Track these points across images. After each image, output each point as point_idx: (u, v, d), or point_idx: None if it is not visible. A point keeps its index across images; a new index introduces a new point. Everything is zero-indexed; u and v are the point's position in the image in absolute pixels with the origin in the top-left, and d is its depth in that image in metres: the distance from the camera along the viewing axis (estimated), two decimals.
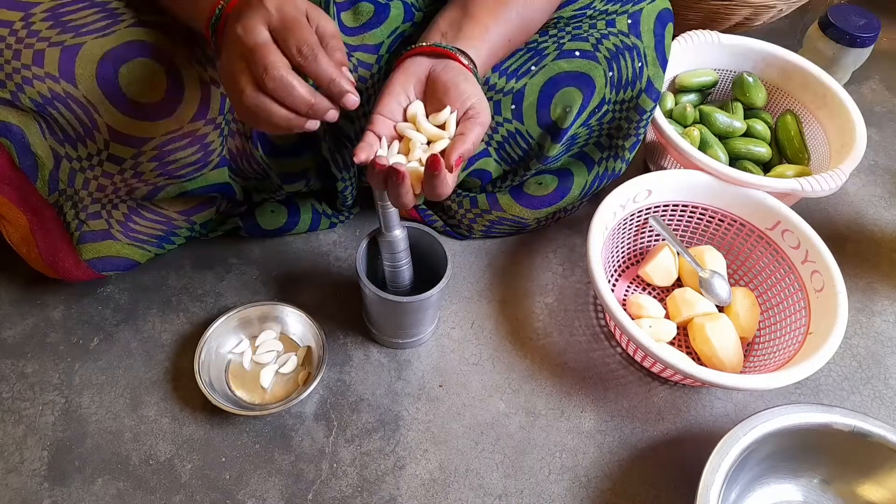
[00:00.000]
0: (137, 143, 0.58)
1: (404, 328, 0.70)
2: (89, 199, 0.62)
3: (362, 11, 0.65)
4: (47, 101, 0.54)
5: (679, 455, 0.68)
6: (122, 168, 0.60)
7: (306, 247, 0.82)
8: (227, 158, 0.66)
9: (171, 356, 0.71)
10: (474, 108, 0.54)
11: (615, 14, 0.68)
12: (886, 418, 0.72)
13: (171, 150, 0.60)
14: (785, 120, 0.90)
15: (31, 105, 0.54)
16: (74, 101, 0.55)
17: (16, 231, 0.64)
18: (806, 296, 0.70)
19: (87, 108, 0.55)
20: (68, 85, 0.54)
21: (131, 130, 0.57)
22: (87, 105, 0.55)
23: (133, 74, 0.56)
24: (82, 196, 0.61)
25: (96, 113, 0.56)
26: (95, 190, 0.61)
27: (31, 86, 0.54)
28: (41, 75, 0.54)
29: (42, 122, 0.56)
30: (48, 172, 0.59)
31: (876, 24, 0.95)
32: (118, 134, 0.57)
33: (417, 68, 0.56)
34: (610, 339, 0.76)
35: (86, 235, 0.64)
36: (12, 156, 0.57)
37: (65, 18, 0.54)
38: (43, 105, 0.55)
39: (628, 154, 0.75)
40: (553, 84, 0.66)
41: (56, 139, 0.57)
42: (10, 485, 0.61)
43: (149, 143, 0.58)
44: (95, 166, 0.59)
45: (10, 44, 0.53)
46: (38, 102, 0.54)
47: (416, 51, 0.56)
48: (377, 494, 0.63)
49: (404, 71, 0.56)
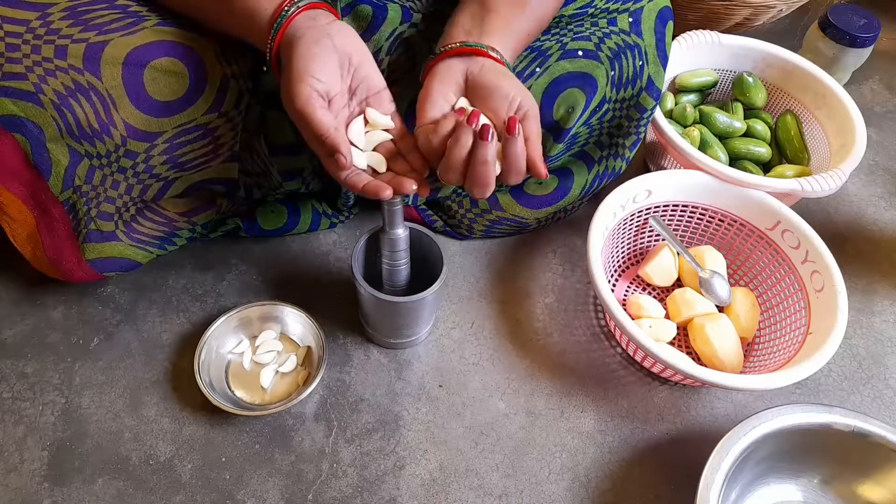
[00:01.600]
0: (151, 137, 0.58)
1: (399, 328, 0.70)
2: (104, 196, 0.62)
3: (361, 14, 0.64)
4: (70, 93, 0.55)
5: (679, 455, 0.68)
6: (135, 162, 0.60)
7: (306, 247, 0.82)
8: (236, 154, 0.67)
9: (171, 356, 0.71)
10: (522, 106, 0.54)
11: (616, 12, 0.68)
12: (886, 418, 0.72)
13: (181, 143, 0.60)
14: (785, 120, 0.90)
15: (54, 97, 0.55)
16: (97, 93, 0.55)
17: (21, 229, 0.64)
18: (806, 296, 0.70)
19: (107, 103, 0.56)
20: (92, 77, 0.54)
21: (147, 126, 0.58)
22: (107, 99, 0.55)
23: (158, 73, 0.56)
24: (98, 192, 0.61)
25: (114, 108, 0.56)
26: (110, 187, 0.61)
27: (56, 77, 0.54)
28: (64, 67, 0.54)
29: (61, 119, 0.56)
30: (63, 169, 0.59)
31: (876, 24, 0.95)
32: (134, 130, 0.57)
33: (453, 72, 0.55)
34: (610, 339, 0.76)
35: (92, 234, 0.64)
36: (27, 152, 0.57)
37: (85, 17, 0.55)
38: (65, 97, 0.55)
39: (628, 153, 0.75)
40: (556, 85, 0.66)
41: (73, 137, 0.57)
42: (10, 485, 0.61)
43: (161, 137, 0.59)
44: (113, 163, 0.60)
45: (27, 40, 0.53)
46: (62, 94, 0.54)
47: (447, 54, 0.55)
48: (377, 494, 0.63)
49: (439, 78, 0.55)
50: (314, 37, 0.51)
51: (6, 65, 0.53)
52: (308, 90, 0.50)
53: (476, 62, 0.55)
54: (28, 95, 0.54)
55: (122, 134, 0.57)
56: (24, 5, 0.54)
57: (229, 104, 0.61)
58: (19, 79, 0.54)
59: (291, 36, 0.52)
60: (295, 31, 0.52)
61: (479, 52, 0.55)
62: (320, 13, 0.54)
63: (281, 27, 0.52)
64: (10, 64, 0.53)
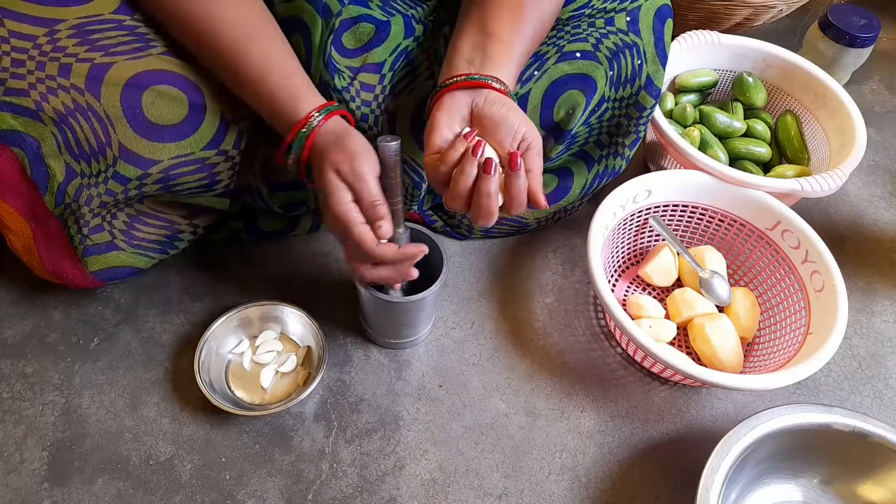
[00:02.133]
0: (146, 164, 0.58)
1: (398, 329, 0.70)
2: (90, 214, 0.62)
3: (363, 32, 0.65)
4: (70, 113, 0.55)
5: (679, 455, 0.68)
6: (126, 188, 0.60)
7: (307, 247, 0.82)
8: (233, 190, 0.67)
9: (171, 356, 0.71)
10: (526, 138, 0.54)
11: (613, 12, 0.68)
12: (886, 418, 0.72)
13: (177, 174, 0.60)
14: (785, 120, 0.90)
15: (53, 115, 0.55)
16: (95, 114, 0.55)
17: (19, 241, 0.64)
18: (806, 296, 0.70)
19: (105, 124, 0.56)
20: (91, 98, 0.54)
21: (141, 150, 0.57)
22: (104, 120, 0.55)
23: (157, 98, 0.56)
24: (84, 212, 0.61)
25: (112, 130, 0.56)
26: (97, 206, 0.61)
27: (56, 96, 0.54)
28: (66, 86, 0.54)
29: (60, 135, 0.56)
30: (57, 185, 0.59)
31: (876, 24, 0.95)
32: (127, 152, 0.57)
33: (458, 105, 0.56)
34: (610, 339, 0.76)
35: (90, 249, 0.64)
36: (24, 166, 0.57)
37: (92, 37, 0.54)
38: (65, 116, 0.55)
39: (628, 152, 0.75)
40: (556, 87, 0.66)
41: (72, 154, 0.57)
42: (10, 485, 0.61)
43: (156, 166, 0.59)
44: (101, 183, 0.59)
45: (33, 56, 0.53)
46: (62, 113, 0.55)
47: (451, 87, 0.56)
48: (377, 495, 0.63)
49: (446, 110, 0.56)
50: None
51: (10, 80, 0.53)
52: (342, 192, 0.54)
53: (480, 94, 0.56)
54: (29, 112, 0.54)
55: (114, 154, 0.57)
56: (32, 20, 0.53)
57: (228, 143, 0.61)
58: (21, 95, 0.54)
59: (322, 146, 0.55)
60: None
61: (483, 85, 0.56)
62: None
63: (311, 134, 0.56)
64: (14, 80, 0.53)
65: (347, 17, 0.64)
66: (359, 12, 0.65)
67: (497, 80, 0.56)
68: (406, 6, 0.69)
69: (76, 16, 0.54)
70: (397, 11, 0.67)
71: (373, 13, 0.66)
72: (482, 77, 0.56)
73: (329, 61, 0.62)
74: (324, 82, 0.63)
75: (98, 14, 0.55)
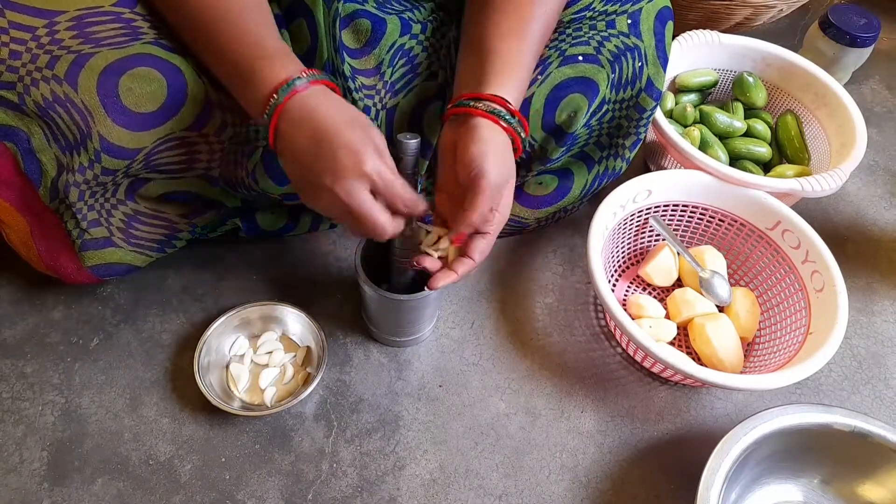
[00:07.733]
0: (130, 153, 0.58)
1: (403, 326, 0.70)
2: (86, 207, 0.62)
3: (361, 28, 0.64)
4: (49, 105, 0.54)
5: (679, 455, 0.68)
6: (114, 179, 0.60)
7: (306, 247, 0.81)
8: (217, 180, 0.67)
9: (171, 356, 0.71)
10: (476, 173, 0.54)
11: (615, 14, 0.68)
12: (887, 418, 0.72)
13: (160, 151, 0.60)
14: (785, 120, 0.90)
15: (34, 108, 0.54)
16: (73, 105, 0.55)
17: (16, 235, 0.64)
18: (806, 296, 0.70)
19: (84, 114, 0.55)
20: (69, 88, 0.54)
21: (125, 142, 0.56)
22: (83, 110, 0.55)
23: (134, 82, 0.55)
24: (80, 206, 0.61)
25: (91, 120, 0.55)
26: (89, 198, 0.61)
27: (37, 87, 0.53)
28: (48, 77, 0.53)
29: (46, 128, 0.56)
30: (50, 180, 0.58)
31: (876, 24, 0.95)
32: (110, 145, 0.56)
33: (445, 137, 0.58)
34: (610, 339, 0.76)
35: (87, 243, 0.64)
36: (17, 160, 0.57)
37: (89, 30, 0.54)
38: (45, 109, 0.54)
39: (629, 153, 0.75)
40: (559, 91, 0.66)
41: (59, 147, 0.57)
42: (10, 485, 0.61)
43: (141, 152, 0.58)
44: (90, 180, 0.59)
45: (30, 48, 0.53)
46: (41, 105, 0.54)
47: (449, 112, 0.58)
48: (377, 495, 0.63)
49: (442, 136, 0.58)
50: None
51: (6, 73, 0.53)
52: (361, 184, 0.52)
53: (463, 122, 0.57)
54: (13, 105, 0.54)
55: (95, 147, 0.56)
56: (33, 11, 0.53)
57: (211, 128, 0.60)
58: (9, 88, 0.53)
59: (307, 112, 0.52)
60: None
61: (473, 112, 0.56)
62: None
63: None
64: (9, 73, 0.53)
65: (345, 13, 0.64)
66: (353, 9, 0.65)
67: (494, 99, 0.56)
68: (402, 7, 0.69)
69: (77, 7, 0.53)
70: (394, 12, 0.67)
71: (367, 7, 0.65)
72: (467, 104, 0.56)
73: (340, 46, 0.62)
74: (330, 68, 0.62)
75: (99, 6, 0.54)
